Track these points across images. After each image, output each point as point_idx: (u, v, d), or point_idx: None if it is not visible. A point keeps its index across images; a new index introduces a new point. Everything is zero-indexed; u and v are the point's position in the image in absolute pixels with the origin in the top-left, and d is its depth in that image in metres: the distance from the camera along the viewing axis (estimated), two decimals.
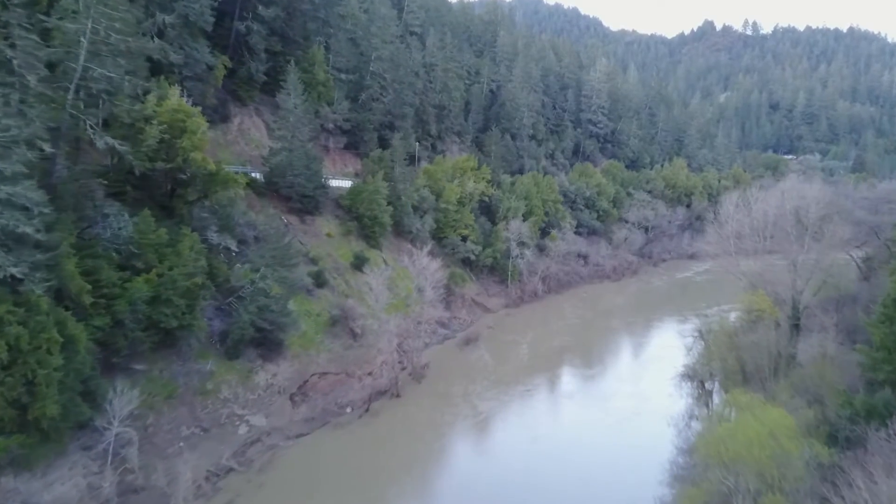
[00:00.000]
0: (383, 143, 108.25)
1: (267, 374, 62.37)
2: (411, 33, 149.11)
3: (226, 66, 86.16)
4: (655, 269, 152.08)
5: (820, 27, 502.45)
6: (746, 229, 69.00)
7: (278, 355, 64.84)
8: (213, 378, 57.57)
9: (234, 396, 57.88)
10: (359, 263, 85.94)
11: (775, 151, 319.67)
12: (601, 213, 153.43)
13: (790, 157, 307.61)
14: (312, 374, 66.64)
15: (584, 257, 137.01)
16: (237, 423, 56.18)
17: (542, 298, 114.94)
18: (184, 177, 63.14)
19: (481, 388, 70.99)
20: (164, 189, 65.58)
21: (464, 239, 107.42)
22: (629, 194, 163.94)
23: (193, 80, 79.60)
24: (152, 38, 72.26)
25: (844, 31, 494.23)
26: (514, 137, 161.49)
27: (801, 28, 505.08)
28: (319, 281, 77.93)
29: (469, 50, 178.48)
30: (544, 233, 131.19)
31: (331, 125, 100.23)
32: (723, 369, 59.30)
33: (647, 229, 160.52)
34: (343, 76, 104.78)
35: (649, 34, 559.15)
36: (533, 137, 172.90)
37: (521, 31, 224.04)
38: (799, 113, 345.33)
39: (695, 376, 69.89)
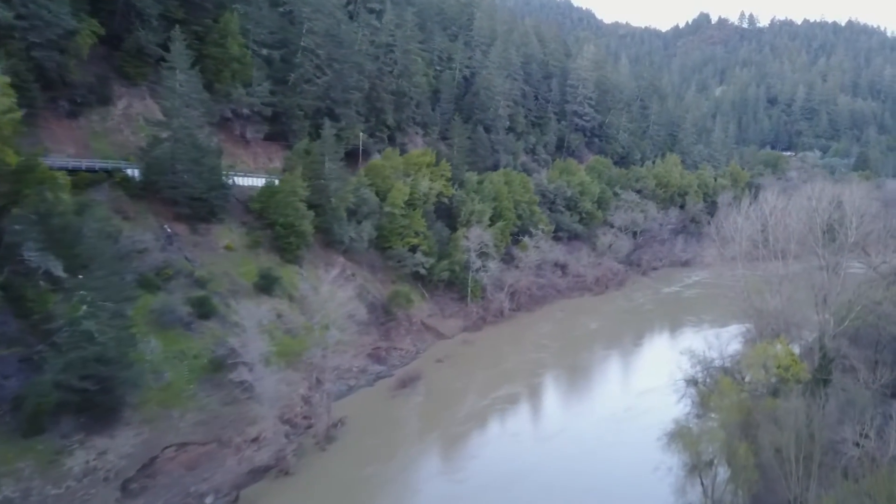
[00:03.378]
0: (320, 134, 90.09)
1: (88, 453, 44.29)
2: (370, 10, 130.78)
3: (96, 34, 67.74)
4: (644, 278, 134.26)
5: (818, 20, 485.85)
6: (760, 248, 51.30)
7: (113, 423, 46.83)
8: None
9: (21, 495, 39.83)
10: (266, 284, 68.02)
11: (773, 148, 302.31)
12: (584, 215, 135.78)
13: (789, 153, 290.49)
14: (166, 447, 48.65)
15: (563, 267, 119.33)
16: None
17: (509, 318, 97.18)
18: None
19: (400, 464, 53.03)
20: None
21: (413, 249, 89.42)
22: (616, 194, 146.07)
23: (45, 48, 61.63)
24: None
25: (843, 24, 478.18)
26: (488, 130, 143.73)
27: (799, 21, 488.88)
28: (203, 310, 59.91)
29: (442, 33, 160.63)
30: (517, 239, 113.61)
31: (245, 110, 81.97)
32: (729, 455, 41.66)
33: (635, 234, 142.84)
34: (265, 52, 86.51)
35: (643, 27, 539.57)
36: (511, 130, 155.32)
37: (502, 16, 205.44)
38: (798, 108, 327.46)
39: (685, 440, 52.53)
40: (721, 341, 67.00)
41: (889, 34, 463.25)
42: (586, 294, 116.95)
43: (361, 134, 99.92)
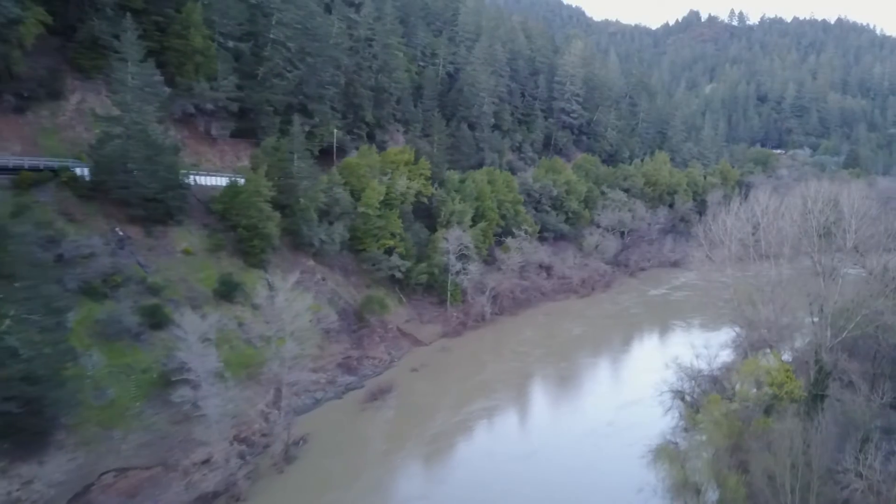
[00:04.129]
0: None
1: (11, 482, 40.03)
2: (348, 3, 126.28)
3: (44, 23, 63.32)
4: (632, 279, 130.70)
5: (808, 18, 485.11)
6: (751, 251, 47.52)
7: (43, 447, 42.57)
8: None
9: None
10: (226, 291, 63.83)
11: (763, 145, 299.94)
12: (570, 215, 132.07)
13: (779, 151, 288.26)
14: (104, 473, 44.43)
15: (548, 269, 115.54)
16: None
17: (490, 323, 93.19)
18: None
19: (363, 488, 48.43)
20: None
21: (389, 251, 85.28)
22: (603, 193, 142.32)
23: None
24: None
25: (833, 22, 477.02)
26: (473, 127, 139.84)
27: (789, 19, 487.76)
28: (155, 319, 55.60)
29: (426, 28, 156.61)
30: (500, 240, 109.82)
31: (209, 105, 77.59)
32: (718, 480, 37.89)
33: (623, 234, 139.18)
34: (232, 44, 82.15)
35: (633, 25, 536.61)
36: (497, 127, 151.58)
37: (489, 12, 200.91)
38: (788, 105, 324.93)
39: (671, 459, 49.20)
40: (710, 350, 63.53)
41: (878, 32, 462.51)
42: (572, 296, 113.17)
43: (336, 131, 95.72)
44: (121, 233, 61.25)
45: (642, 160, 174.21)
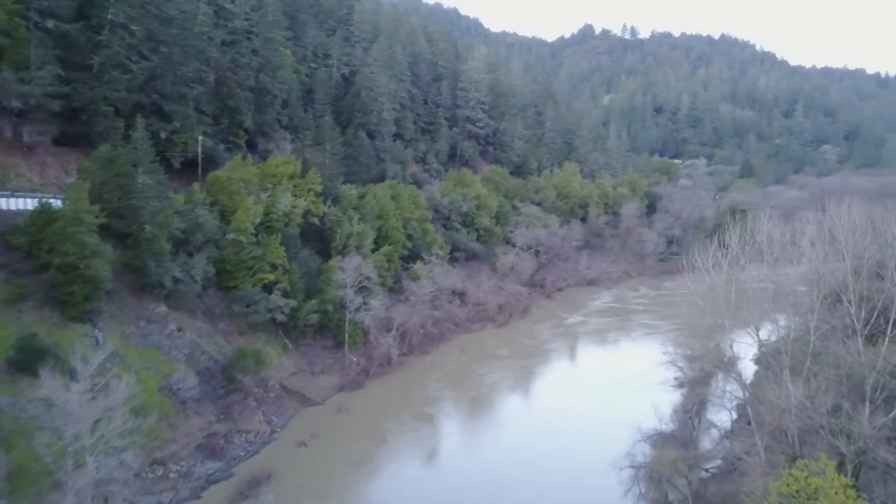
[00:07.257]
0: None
1: None
2: None
3: None
4: (549, 302, 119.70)
5: (694, 33, 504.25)
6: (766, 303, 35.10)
7: None
8: None
9: None
10: (27, 360, 45.27)
11: (661, 155, 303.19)
12: (482, 232, 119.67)
13: (677, 161, 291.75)
14: None
15: (461, 295, 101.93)
16: None
17: (398, 367, 78.03)
18: None
19: None
20: None
21: (269, 288, 68.56)
22: (515, 207, 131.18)
23: None
24: None
25: (717, 37, 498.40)
26: (372, 136, 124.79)
27: (677, 34, 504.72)
28: None
29: (318, 26, 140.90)
30: (407, 266, 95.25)
31: (16, 103, 58.37)
32: None
33: (537, 252, 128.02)
34: (52, 24, 63.06)
35: (530, 37, 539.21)
36: (399, 137, 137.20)
37: (387, 13, 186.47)
38: (683, 116, 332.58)
39: None
40: (650, 394, 52.23)
41: (759, 48, 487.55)
42: (488, 325, 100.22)
43: (203, 138, 77.80)
44: None
45: (551, 171, 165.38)
